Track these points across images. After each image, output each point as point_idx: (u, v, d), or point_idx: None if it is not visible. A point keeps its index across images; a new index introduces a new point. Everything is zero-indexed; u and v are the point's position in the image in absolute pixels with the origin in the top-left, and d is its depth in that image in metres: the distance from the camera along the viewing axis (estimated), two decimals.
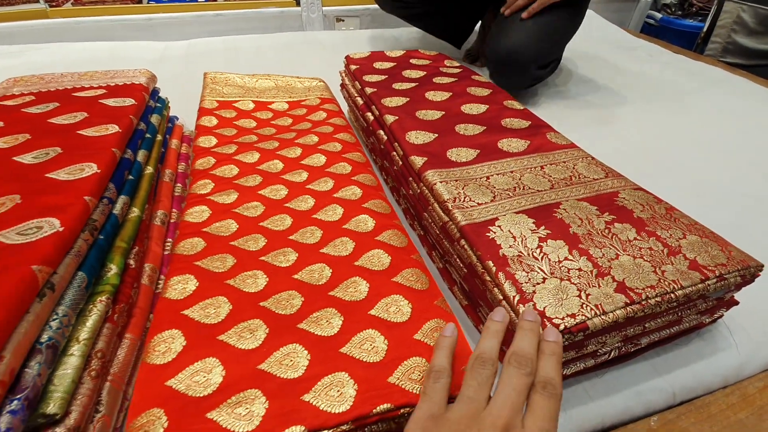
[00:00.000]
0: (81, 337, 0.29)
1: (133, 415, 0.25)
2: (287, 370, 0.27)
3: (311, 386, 0.26)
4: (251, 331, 0.30)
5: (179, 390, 0.26)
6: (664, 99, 0.92)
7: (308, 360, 0.28)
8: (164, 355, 0.28)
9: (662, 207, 0.41)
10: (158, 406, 0.25)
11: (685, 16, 1.71)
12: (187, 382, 0.26)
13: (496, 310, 0.30)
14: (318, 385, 0.27)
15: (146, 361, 0.28)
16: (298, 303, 0.33)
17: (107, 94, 0.56)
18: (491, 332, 0.28)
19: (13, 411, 0.22)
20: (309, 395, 0.26)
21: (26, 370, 0.24)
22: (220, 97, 0.66)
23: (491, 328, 0.29)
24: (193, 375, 0.27)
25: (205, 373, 0.27)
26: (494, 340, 0.28)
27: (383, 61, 0.76)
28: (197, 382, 0.26)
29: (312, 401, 0.26)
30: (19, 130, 0.46)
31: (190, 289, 0.33)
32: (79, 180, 0.37)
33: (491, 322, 0.29)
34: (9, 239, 0.29)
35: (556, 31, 0.86)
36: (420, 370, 0.28)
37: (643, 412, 0.36)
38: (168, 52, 1.05)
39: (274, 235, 0.40)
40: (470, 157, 0.49)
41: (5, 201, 0.34)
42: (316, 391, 0.26)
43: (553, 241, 0.36)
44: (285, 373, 0.27)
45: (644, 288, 0.32)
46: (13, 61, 1.01)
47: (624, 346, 0.35)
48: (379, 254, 0.37)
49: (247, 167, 0.50)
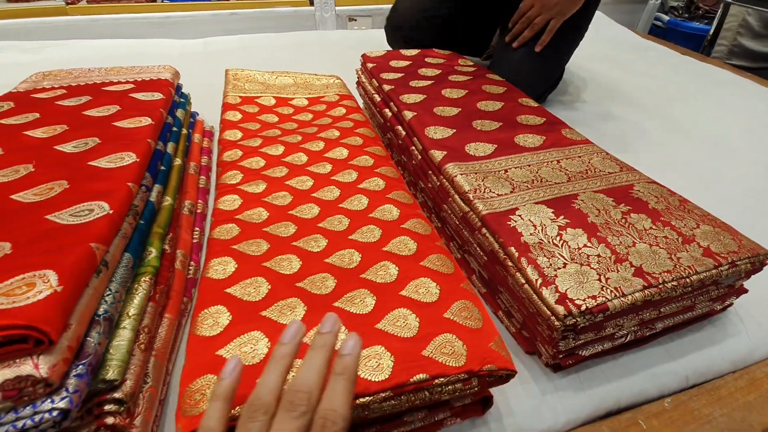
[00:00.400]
0: (130, 313, 0.31)
1: (188, 381, 0.26)
2: None
3: None
4: (291, 308, 0.32)
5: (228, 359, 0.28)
6: (672, 99, 0.93)
7: (346, 334, 0.30)
8: (212, 328, 0.30)
9: (675, 199, 0.42)
10: (210, 373, 0.27)
11: (692, 19, 1.72)
12: (236, 352, 0.28)
13: (286, 330, 0.24)
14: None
15: (195, 333, 0.30)
16: (332, 284, 0.34)
17: (136, 89, 0.58)
18: (274, 361, 0.22)
19: (79, 375, 0.24)
20: None
21: (88, 339, 0.26)
22: (242, 93, 0.68)
23: (275, 355, 0.23)
24: (241, 345, 0.28)
25: (252, 345, 0.28)
26: (275, 374, 0.22)
27: (399, 59, 0.78)
28: (245, 352, 0.28)
29: None
30: (57, 122, 0.48)
31: (230, 270, 0.35)
32: (120, 168, 0.39)
33: (278, 347, 0.23)
34: (64, 220, 0.31)
35: (559, 53, 0.85)
36: (451, 345, 0.29)
37: (657, 394, 0.38)
38: (185, 49, 1.07)
39: (304, 223, 0.42)
40: (488, 151, 0.51)
41: (54, 186, 0.36)
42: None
43: (572, 230, 0.38)
44: None
45: (661, 273, 0.33)
46: (32, 57, 1.03)
47: (640, 330, 0.37)
48: (405, 240, 0.39)
49: (273, 159, 0.52)
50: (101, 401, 0.26)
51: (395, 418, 0.30)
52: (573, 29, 0.83)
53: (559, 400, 0.36)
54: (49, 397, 0.23)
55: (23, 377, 0.21)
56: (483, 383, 0.29)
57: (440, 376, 0.28)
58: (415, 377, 0.27)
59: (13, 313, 0.22)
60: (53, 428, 0.23)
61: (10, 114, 0.50)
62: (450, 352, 0.29)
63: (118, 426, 0.26)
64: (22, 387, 0.22)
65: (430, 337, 0.30)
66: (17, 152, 0.42)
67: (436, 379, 0.27)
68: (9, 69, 0.96)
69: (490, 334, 0.31)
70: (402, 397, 0.27)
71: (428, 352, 0.29)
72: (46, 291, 0.23)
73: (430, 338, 0.30)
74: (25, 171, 0.39)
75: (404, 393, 0.27)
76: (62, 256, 0.26)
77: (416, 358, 0.28)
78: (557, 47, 0.83)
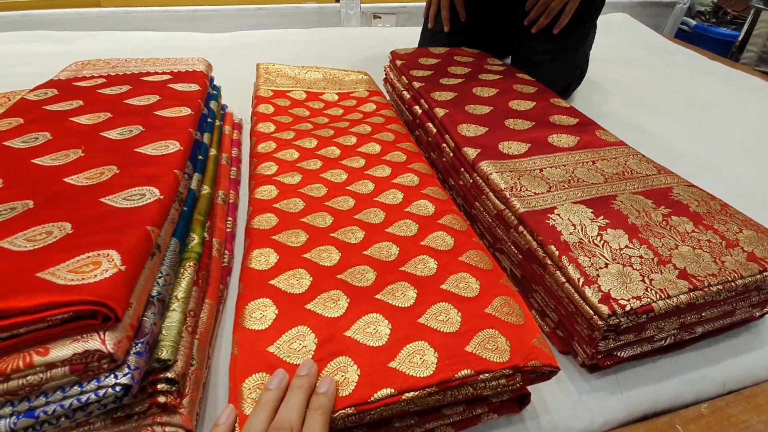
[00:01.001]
0: (179, 296, 0.32)
1: (243, 376, 0.27)
2: (371, 338, 0.30)
3: (395, 354, 0.29)
4: (334, 300, 0.32)
5: (280, 357, 0.28)
6: (701, 104, 0.92)
7: (389, 329, 0.30)
8: (261, 322, 0.30)
9: (717, 203, 0.42)
10: (264, 371, 0.27)
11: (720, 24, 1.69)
12: (285, 349, 0.29)
13: (273, 377, 0.27)
14: (402, 352, 0.29)
15: (245, 326, 0.30)
16: (372, 276, 0.35)
17: (173, 80, 0.59)
18: (260, 405, 0.25)
19: (139, 353, 0.25)
20: (395, 362, 0.28)
21: (144, 318, 0.27)
22: (274, 87, 0.68)
23: (262, 400, 0.26)
24: (290, 342, 0.29)
25: (300, 341, 0.29)
26: (261, 415, 0.25)
27: (428, 57, 0.78)
28: (295, 349, 0.29)
29: (398, 367, 0.28)
30: (100, 109, 0.49)
31: (272, 261, 0.36)
32: (166, 155, 0.40)
33: (264, 392, 0.26)
34: (118, 203, 0.32)
35: (575, 55, 0.84)
36: (494, 341, 0.30)
37: (693, 399, 0.38)
38: (213, 43, 1.08)
39: (340, 214, 0.42)
40: (521, 150, 0.50)
41: (104, 171, 0.37)
42: (401, 359, 0.28)
43: (613, 230, 0.38)
44: (370, 341, 0.29)
45: (706, 276, 0.33)
46: (65, 47, 1.05)
47: (679, 334, 0.37)
48: (442, 236, 0.39)
49: (307, 152, 0.52)
50: (154, 380, 0.27)
51: (434, 411, 0.30)
52: (582, 21, 0.81)
53: (595, 400, 0.36)
54: (112, 372, 0.23)
55: (91, 352, 0.22)
56: (526, 379, 0.30)
57: (485, 371, 0.28)
58: (459, 373, 0.27)
59: (83, 289, 0.22)
60: (114, 403, 0.24)
61: (55, 101, 0.51)
62: (493, 348, 0.29)
63: (169, 405, 0.27)
64: (88, 361, 0.22)
65: (472, 332, 0.30)
66: (65, 137, 0.43)
67: (480, 374, 0.28)
68: (43, 58, 0.98)
69: (532, 331, 0.31)
70: (447, 393, 0.27)
71: (471, 348, 0.29)
72: (111, 270, 0.24)
73: (472, 333, 0.30)
74: (75, 156, 0.40)
75: (449, 389, 0.27)
76: (123, 237, 0.27)
77: (460, 354, 0.28)
78: (570, 39, 0.82)
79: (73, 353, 0.22)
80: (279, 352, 0.29)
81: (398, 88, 0.73)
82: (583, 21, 0.81)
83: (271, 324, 0.30)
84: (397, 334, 0.30)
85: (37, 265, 0.24)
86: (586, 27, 0.84)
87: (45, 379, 0.22)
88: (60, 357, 0.21)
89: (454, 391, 0.28)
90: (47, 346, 0.22)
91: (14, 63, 0.94)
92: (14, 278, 0.23)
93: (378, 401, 0.26)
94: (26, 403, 0.22)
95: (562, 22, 0.78)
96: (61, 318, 0.22)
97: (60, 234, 0.28)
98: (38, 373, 0.22)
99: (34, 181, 0.35)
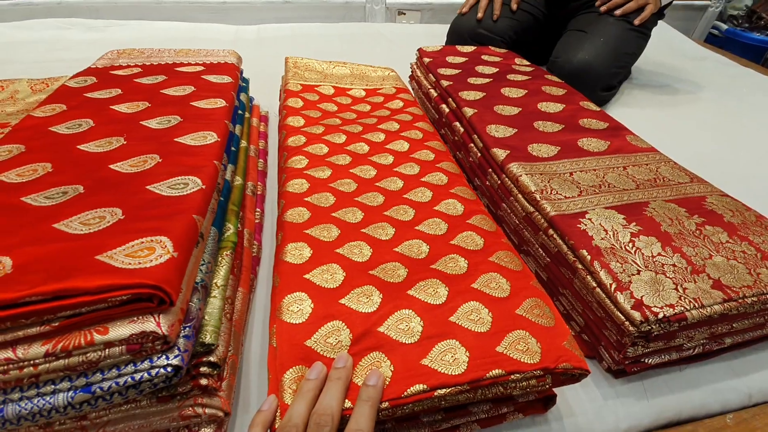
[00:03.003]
0: (218, 283, 0.33)
1: (284, 368, 0.28)
2: (404, 335, 0.30)
3: (427, 352, 0.29)
4: (367, 296, 0.33)
5: (317, 351, 0.29)
6: (733, 112, 0.90)
7: (422, 326, 0.31)
8: (298, 316, 0.31)
9: (752, 214, 0.41)
10: (302, 364, 0.28)
11: (752, 29, 1.64)
12: (322, 344, 0.29)
13: (312, 368, 0.28)
14: (434, 350, 0.29)
15: (283, 319, 0.31)
16: (404, 273, 0.35)
17: (207, 71, 0.60)
18: (301, 394, 0.27)
19: (187, 336, 0.26)
20: (427, 359, 0.29)
21: (190, 304, 0.28)
22: (302, 81, 0.69)
23: (303, 389, 0.27)
24: (327, 337, 0.30)
25: (336, 336, 0.30)
26: (302, 403, 0.26)
27: (456, 55, 0.78)
28: (331, 344, 0.29)
29: (430, 365, 0.28)
30: (138, 98, 0.50)
31: (306, 255, 0.36)
32: (205, 146, 0.41)
33: (304, 382, 0.27)
34: (163, 191, 0.33)
35: (627, 50, 0.86)
36: (525, 342, 0.30)
37: (719, 410, 0.38)
38: (240, 35, 1.09)
39: (370, 210, 0.43)
40: (551, 153, 0.50)
41: (147, 159, 0.38)
42: (433, 356, 0.29)
43: (645, 237, 0.38)
44: (402, 338, 0.30)
45: (741, 287, 0.33)
46: (97, 35, 1.07)
47: (708, 344, 0.36)
48: (472, 236, 0.40)
49: (336, 147, 0.53)
50: (197, 363, 0.28)
51: (461, 408, 0.31)
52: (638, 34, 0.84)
53: (620, 405, 0.36)
54: (164, 354, 0.24)
55: (147, 333, 0.23)
56: (556, 381, 0.30)
57: (516, 372, 0.28)
58: (490, 373, 0.28)
59: (140, 273, 0.23)
60: (164, 383, 0.25)
61: (95, 89, 0.53)
62: (524, 349, 0.29)
63: (209, 387, 0.28)
64: (143, 342, 0.23)
65: (503, 332, 0.30)
66: (107, 125, 0.44)
67: (511, 375, 0.28)
68: (77, 45, 1.01)
69: (562, 333, 0.31)
70: (477, 391, 0.28)
71: (502, 348, 0.29)
72: (165, 255, 0.25)
73: (503, 334, 0.30)
74: (117, 143, 0.41)
75: (480, 388, 0.28)
76: (172, 225, 0.28)
77: (491, 354, 0.29)
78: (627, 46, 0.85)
79: (130, 333, 0.23)
80: (316, 346, 0.29)
81: (425, 86, 0.73)
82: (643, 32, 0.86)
83: (307, 318, 0.31)
84: (429, 331, 0.31)
85: (94, 248, 0.25)
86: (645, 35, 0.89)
87: (103, 356, 0.23)
88: (119, 336, 0.23)
89: (485, 390, 0.28)
90: (106, 325, 0.23)
91: (51, 48, 0.97)
92: (74, 259, 0.24)
93: (410, 396, 0.27)
94: (84, 378, 0.23)
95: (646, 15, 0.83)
96: (120, 300, 0.23)
97: (112, 219, 0.29)
98: (97, 351, 0.23)
99: (81, 166, 0.37)
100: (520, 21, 0.95)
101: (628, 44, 0.85)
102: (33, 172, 0.35)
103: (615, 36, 0.83)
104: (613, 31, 0.84)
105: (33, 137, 0.41)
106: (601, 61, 0.81)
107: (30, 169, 0.36)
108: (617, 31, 0.84)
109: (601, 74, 0.82)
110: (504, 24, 0.94)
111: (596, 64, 0.81)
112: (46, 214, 0.30)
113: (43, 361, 0.22)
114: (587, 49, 0.82)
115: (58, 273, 0.23)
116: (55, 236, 0.27)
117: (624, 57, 0.86)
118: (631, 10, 0.85)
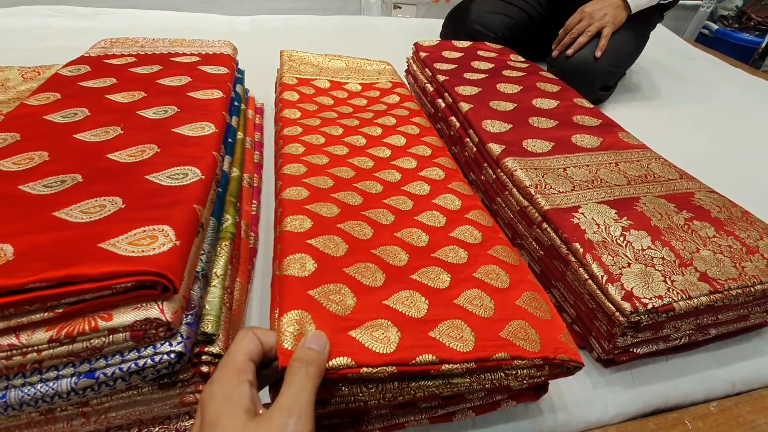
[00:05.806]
0: (218, 273, 0.33)
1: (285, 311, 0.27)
2: (411, 309, 0.30)
3: (435, 326, 0.29)
4: (371, 272, 0.33)
5: (320, 302, 0.28)
6: (722, 111, 0.92)
7: (427, 305, 0.31)
8: (301, 270, 0.30)
9: (738, 210, 0.43)
10: (305, 310, 0.27)
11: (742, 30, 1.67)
12: (325, 297, 0.29)
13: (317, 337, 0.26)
14: (441, 325, 0.29)
15: (284, 273, 0.30)
16: (405, 258, 0.35)
17: (202, 62, 0.60)
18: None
19: (189, 323, 0.26)
20: (434, 333, 0.29)
21: (192, 292, 0.28)
22: (298, 75, 0.69)
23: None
24: (330, 293, 0.29)
25: (339, 296, 0.29)
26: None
27: (452, 50, 0.78)
28: (334, 300, 0.29)
29: (438, 338, 0.28)
30: (134, 88, 0.50)
31: (306, 226, 0.36)
32: (203, 137, 0.41)
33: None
34: (163, 181, 0.33)
35: (626, 50, 0.87)
36: (525, 331, 0.31)
37: (703, 398, 0.39)
38: (233, 26, 1.08)
39: (369, 197, 0.43)
40: (545, 148, 0.51)
41: (145, 149, 0.38)
42: (440, 330, 0.29)
43: (636, 231, 0.39)
44: (409, 311, 0.30)
45: (726, 280, 0.34)
46: (87, 23, 1.05)
47: (694, 334, 0.38)
48: (470, 229, 0.40)
49: (333, 138, 0.53)
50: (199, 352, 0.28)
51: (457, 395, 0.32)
52: (638, 35, 0.85)
53: (609, 393, 0.37)
54: (167, 340, 0.25)
55: (151, 320, 0.23)
56: (553, 372, 0.31)
57: (519, 357, 0.29)
58: (497, 354, 0.28)
59: (144, 260, 0.24)
60: (167, 369, 0.25)
61: (89, 77, 0.52)
62: (525, 338, 0.30)
63: (210, 374, 0.29)
64: (147, 329, 0.24)
65: (505, 320, 0.31)
66: (103, 114, 0.44)
67: (515, 360, 0.29)
68: (66, 33, 0.99)
69: (558, 327, 0.32)
70: (480, 375, 0.28)
71: (506, 334, 0.30)
72: (168, 244, 0.25)
73: (506, 321, 0.31)
74: (114, 133, 0.41)
75: (485, 369, 0.28)
76: (173, 214, 0.28)
77: (495, 338, 0.29)
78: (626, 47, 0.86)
79: (135, 320, 0.23)
80: (319, 297, 0.29)
81: (421, 81, 0.74)
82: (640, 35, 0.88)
83: (311, 273, 0.30)
84: (435, 310, 0.30)
85: (96, 236, 0.25)
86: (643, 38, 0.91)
87: (107, 342, 0.23)
88: (123, 323, 0.23)
89: (487, 373, 0.29)
90: (110, 312, 0.23)
91: (39, 36, 0.95)
92: (77, 247, 0.25)
93: (419, 365, 0.26)
94: (87, 364, 0.24)
95: (603, 44, 0.82)
96: (124, 287, 0.23)
97: (113, 208, 0.29)
98: (101, 337, 0.23)
99: (78, 155, 0.37)
100: (515, 18, 0.96)
101: (627, 45, 0.86)
102: (29, 160, 0.35)
103: (614, 36, 0.83)
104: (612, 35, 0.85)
105: (28, 125, 0.40)
106: (600, 60, 0.82)
107: (26, 158, 0.35)
108: (617, 32, 0.84)
109: (601, 73, 0.83)
110: (498, 20, 0.94)
111: (596, 64, 0.82)
112: (45, 202, 0.30)
113: (47, 347, 0.23)
114: (587, 47, 0.83)
115: (60, 260, 0.23)
116: (55, 224, 0.27)
117: (623, 57, 0.87)
118: (582, 45, 0.83)
